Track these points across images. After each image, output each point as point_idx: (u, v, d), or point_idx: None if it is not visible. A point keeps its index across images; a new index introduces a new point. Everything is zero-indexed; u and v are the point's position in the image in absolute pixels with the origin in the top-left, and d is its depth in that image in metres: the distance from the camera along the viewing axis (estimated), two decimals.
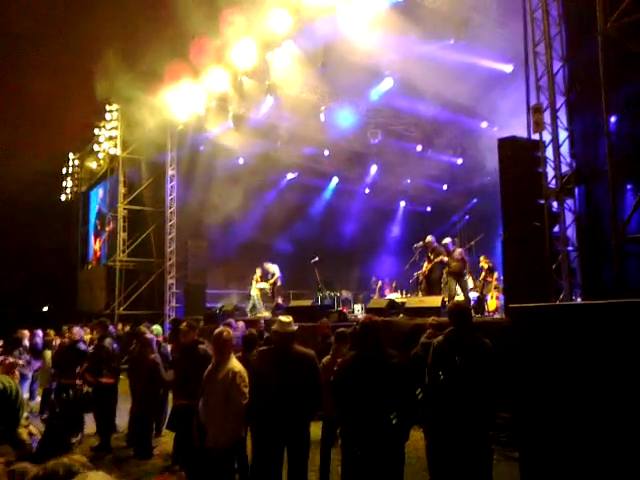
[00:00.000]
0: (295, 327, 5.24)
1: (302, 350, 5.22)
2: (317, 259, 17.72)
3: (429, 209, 25.91)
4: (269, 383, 4.96)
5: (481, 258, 14.80)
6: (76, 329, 10.13)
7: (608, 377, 4.07)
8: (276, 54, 15.36)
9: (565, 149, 8.86)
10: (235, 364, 5.27)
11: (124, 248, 22.87)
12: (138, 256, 22.92)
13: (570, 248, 8.62)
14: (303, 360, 5.13)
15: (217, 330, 5.52)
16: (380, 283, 19.53)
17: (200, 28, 14.32)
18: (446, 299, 12.96)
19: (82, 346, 9.58)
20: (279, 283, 17.27)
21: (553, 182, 8.79)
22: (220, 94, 17.64)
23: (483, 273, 14.54)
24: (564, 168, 8.76)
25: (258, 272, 17.38)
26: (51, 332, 14.47)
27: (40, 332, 13.47)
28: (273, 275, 17.21)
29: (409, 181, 24.20)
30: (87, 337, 15.24)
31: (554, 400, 4.48)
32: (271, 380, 4.96)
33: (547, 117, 8.92)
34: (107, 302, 23.24)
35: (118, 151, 23.31)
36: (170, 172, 21.27)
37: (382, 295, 18.02)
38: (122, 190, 23.33)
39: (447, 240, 12.91)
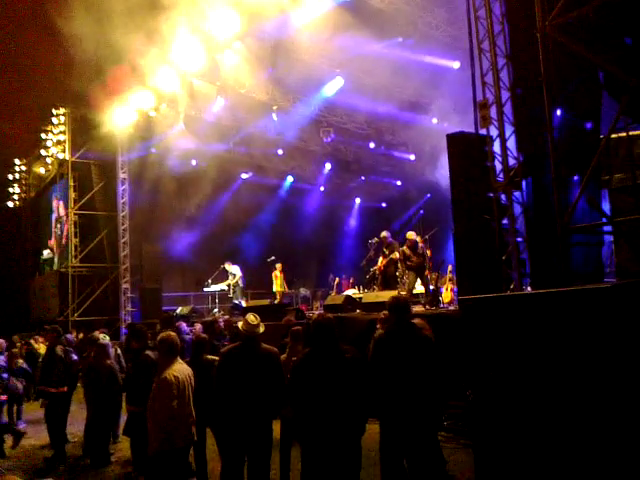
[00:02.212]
0: (262, 328, 5.17)
1: (267, 348, 5.20)
2: (274, 258, 17.72)
3: (384, 205, 26.19)
4: (235, 382, 4.93)
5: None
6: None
7: (556, 363, 4.20)
8: (226, 55, 15.28)
9: (512, 143, 9.06)
10: (168, 371, 5.13)
11: (76, 254, 22.37)
12: (91, 261, 22.43)
13: (519, 239, 8.82)
14: (268, 358, 5.10)
15: (160, 335, 5.46)
16: (337, 280, 19.64)
17: (147, 30, 14.11)
18: (403, 293, 13.12)
19: None
20: (241, 284, 17.24)
21: (502, 176, 8.98)
22: (170, 96, 17.44)
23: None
24: (512, 161, 8.95)
25: (278, 267, 17.32)
26: None
27: None
28: (234, 276, 17.17)
29: (363, 178, 24.42)
30: (41, 347, 14.93)
31: (506, 388, 4.60)
32: (237, 379, 4.93)
33: (494, 112, 9.12)
34: (60, 309, 22.68)
35: (67, 155, 22.76)
36: (121, 175, 20.91)
37: (340, 291, 18.12)
38: (72, 195, 22.79)
39: (413, 235, 12.26)
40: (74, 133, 22.48)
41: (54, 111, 22.87)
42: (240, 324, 5.20)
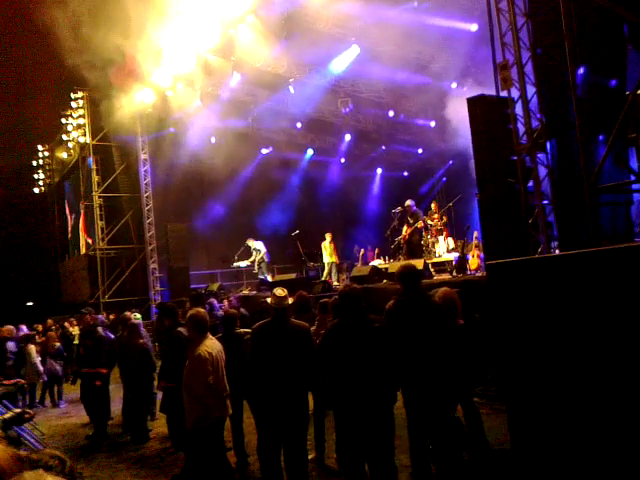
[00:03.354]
0: (290, 300, 5.22)
1: (298, 323, 5.20)
2: (298, 232, 17.74)
3: (406, 174, 25.95)
4: (268, 357, 4.96)
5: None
6: None
7: (587, 324, 4.17)
8: (239, 29, 15.12)
9: (534, 104, 8.88)
10: (201, 348, 5.22)
11: (103, 236, 22.69)
12: (118, 243, 22.79)
13: (545, 202, 8.70)
14: (299, 333, 5.10)
15: (188, 312, 5.53)
16: (362, 251, 19.63)
17: (160, 8, 14.03)
18: (429, 261, 13.11)
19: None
20: (266, 259, 17.34)
21: (525, 138, 8.83)
22: (186, 74, 17.38)
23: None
24: (535, 123, 8.78)
25: (328, 238, 17.32)
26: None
27: (24, 327, 13.43)
28: (259, 252, 17.26)
29: (384, 147, 24.19)
30: (75, 329, 15.26)
31: (536, 352, 4.58)
32: (270, 354, 4.96)
33: (515, 73, 8.92)
34: (91, 292, 23.10)
35: (88, 139, 22.93)
36: (142, 156, 21.04)
37: (365, 262, 18.12)
38: (95, 178, 23.05)
39: None
40: (93, 116, 22.62)
41: (72, 95, 23.00)
42: (269, 299, 5.24)
